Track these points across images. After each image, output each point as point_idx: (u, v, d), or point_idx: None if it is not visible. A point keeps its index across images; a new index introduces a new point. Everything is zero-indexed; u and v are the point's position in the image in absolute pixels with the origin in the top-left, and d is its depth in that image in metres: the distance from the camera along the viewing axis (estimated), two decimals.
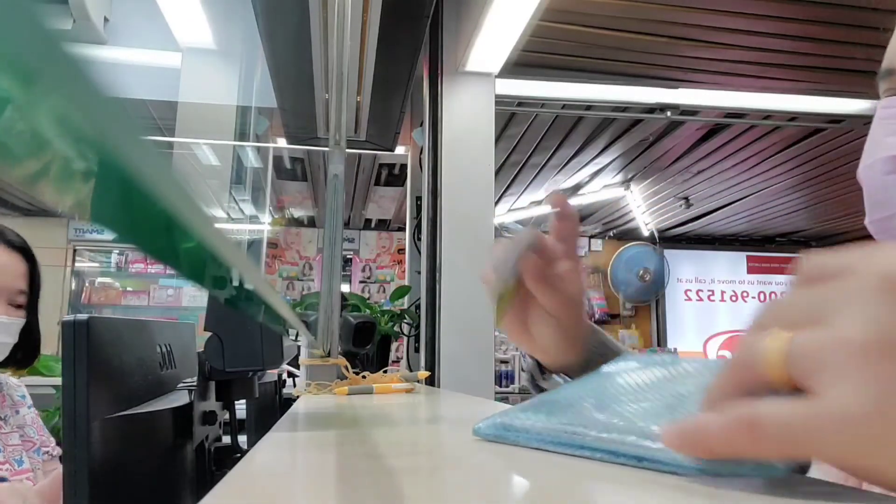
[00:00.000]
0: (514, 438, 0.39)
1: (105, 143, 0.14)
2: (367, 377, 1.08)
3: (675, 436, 0.27)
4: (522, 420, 0.39)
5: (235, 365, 0.59)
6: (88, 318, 0.47)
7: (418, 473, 0.33)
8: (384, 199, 5.28)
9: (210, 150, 2.51)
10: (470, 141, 2.21)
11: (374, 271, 6.20)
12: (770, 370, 0.24)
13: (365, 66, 2.10)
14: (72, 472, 0.44)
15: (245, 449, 0.71)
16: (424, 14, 1.92)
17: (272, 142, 3.16)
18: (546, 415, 0.39)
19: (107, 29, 1.98)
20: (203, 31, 2.30)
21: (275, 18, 1.90)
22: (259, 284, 0.38)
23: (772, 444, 0.23)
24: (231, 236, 0.40)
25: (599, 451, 0.34)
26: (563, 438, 0.36)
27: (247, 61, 2.55)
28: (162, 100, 2.85)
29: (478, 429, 0.42)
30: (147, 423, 0.53)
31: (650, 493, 0.27)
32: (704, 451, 0.26)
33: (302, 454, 0.44)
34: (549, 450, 0.36)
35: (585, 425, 0.35)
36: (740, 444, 0.24)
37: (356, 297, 2.17)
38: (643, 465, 0.31)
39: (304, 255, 6.09)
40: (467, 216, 2.17)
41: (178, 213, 0.19)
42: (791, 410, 0.23)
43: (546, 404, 0.40)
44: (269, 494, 0.29)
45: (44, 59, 0.11)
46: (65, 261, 5.36)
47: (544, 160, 4.14)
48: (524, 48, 2.14)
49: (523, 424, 0.39)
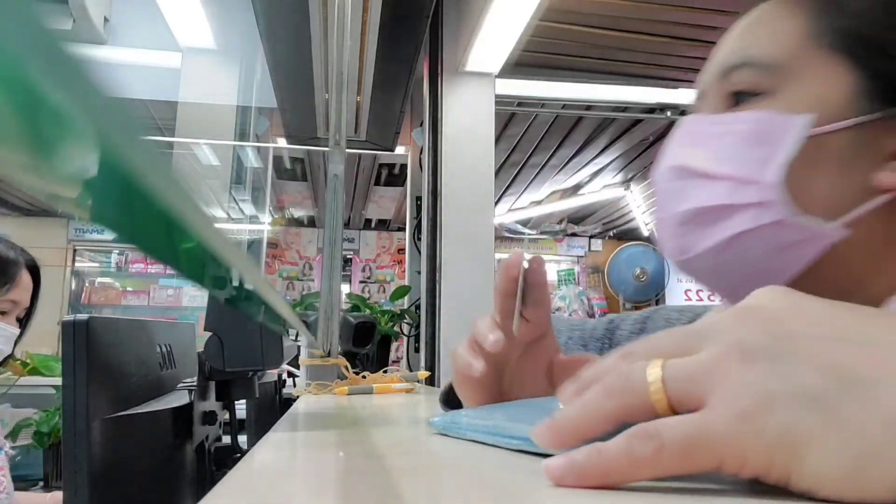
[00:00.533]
0: (457, 431, 0.42)
1: (105, 143, 0.14)
2: (367, 377, 1.08)
3: (567, 470, 0.26)
4: (466, 417, 0.42)
5: (235, 365, 0.59)
6: (88, 318, 0.47)
7: (418, 473, 0.33)
8: (384, 199, 5.28)
9: (210, 150, 2.51)
10: (470, 141, 2.21)
11: (374, 271, 6.20)
12: (652, 396, 0.25)
13: (365, 65, 2.10)
14: (72, 472, 0.44)
15: (245, 449, 0.71)
16: (424, 14, 1.92)
17: (272, 142, 3.16)
18: (501, 411, 0.42)
19: (107, 29, 1.97)
20: (203, 31, 2.30)
21: (275, 18, 1.90)
22: (259, 284, 0.38)
23: (674, 459, 0.24)
24: (231, 236, 0.40)
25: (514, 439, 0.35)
26: (493, 429, 0.38)
27: (247, 61, 2.55)
28: (162, 100, 2.85)
29: (434, 423, 0.45)
30: (147, 423, 0.53)
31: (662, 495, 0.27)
32: (603, 479, 0.25)
33: (302, 454, 0.44)
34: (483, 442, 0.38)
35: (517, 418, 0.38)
36: (643, 465, 0.24)
37: (356, 297, 2.17)
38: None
39: (304, 255, 6.09)
40: (467, 216, 2.17)
41: (178, 213, 0.19)
42: (688, 422, 0.24)
43: (499, 408, 0.44)
44: (269, 494, 0.29)
45: (44, 59, 0.11)
46: (65, 261, 5.37)
47: (544, 160, 4.14)
48: (524, 48, 2.14)
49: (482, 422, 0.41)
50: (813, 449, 0.22)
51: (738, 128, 0.44)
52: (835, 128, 0.42)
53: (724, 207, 0.43)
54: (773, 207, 0.42)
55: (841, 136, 0.42)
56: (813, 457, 0.22)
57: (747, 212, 0.42)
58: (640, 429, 0.25)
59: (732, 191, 0.43)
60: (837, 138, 0.42)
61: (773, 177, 0.42)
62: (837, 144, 0.42)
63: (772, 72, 0.44)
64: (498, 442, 0.37)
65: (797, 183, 0.42)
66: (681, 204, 0.46)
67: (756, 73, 0.45)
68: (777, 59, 0.44)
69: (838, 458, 0.21)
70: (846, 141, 0.42)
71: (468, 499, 0.27)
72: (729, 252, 0.43)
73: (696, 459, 0.23)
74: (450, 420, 0.43)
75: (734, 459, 0.23)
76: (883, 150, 0.42)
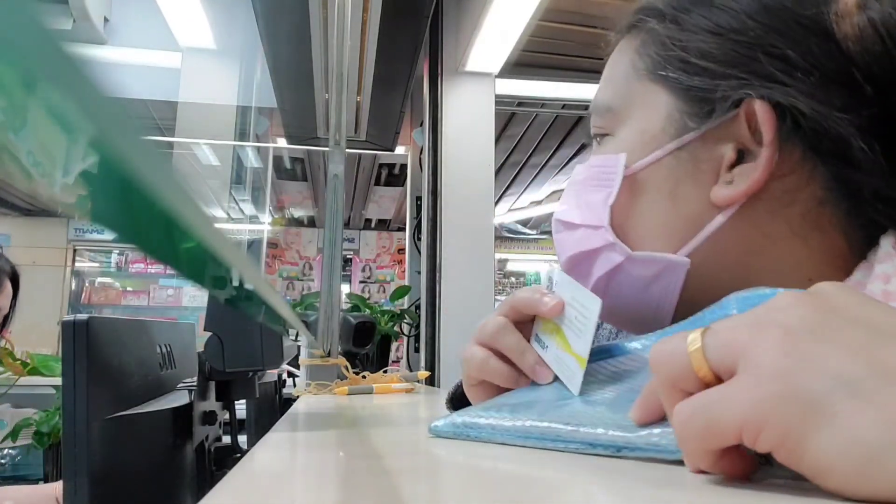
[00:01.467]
0: (477, 435, 0.38)
1: (105, 143, 0.14)
2: (367, 377, 1.08)
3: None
4: (486, 418, 0.39)
5: (235, 365, 0.59)
6: (88, 318, 0.47)
7: (418, 473, 0.33)
8: (384, 199, 5.28)
9: (210, 150, 2.51)
10: (470, 141, 2.21)
11: (374, 271, 6.20)
12: (693, 364, 0.25)
13: (365, 65, 2.10)
14: (72, 472, 0.44)
15: (245, 449, 0.71)
16: (424, 14, 1.92)
17: (272, 142, 3.16)
18: (510, 412, 0.38)
19: (107, 29, 1.98)
20: (203, 31, 2.30)
21: (275, 18, 1.90)
22: (259, 284, 0.38)
23: (699, 425, 0.24)
24: (231, 236, 0.40)
25: (574, 443, 0.33)
26: (535, 433, 0.35)
27: (247, 61, 2.55)
28: (162, 100, 2.85)
29: (435, 427, 0.41)
30: (147, 423, 0.53)
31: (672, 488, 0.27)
32: None
33: (302, 454, 0.44)
34: (520, 444, 0.36)
35: (554, 419, 0.35)
36: (689, 441, 0.25)
37: (356, 297, 2.17)
38: (622, 455, 0.31)
39: (304, 255, 6.09)
40: (467, 216, 2.17)
41: (178, 214, 0.19)
42: (713, 389, 0.24)
43: (506, 406, 0.39)
44: (269, 494, 0.29)
45: (44, 59, 0.11)
46: (65, 261, 5.37)
47: (544, 160, 4.14)
48: (524, 48, 2.14)
49: (488, 422, 0.38)
50: (834, 427, 0.21)
51: (585, 174, 0.46)
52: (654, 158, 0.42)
53: (586, 254, 0.45)
54: (617, 247, 0.43)
55: (664, 163, 0.42)
56: (832, 434, 0.21)
57: (601, 254, 0.44)
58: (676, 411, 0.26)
59: (586, 237, 0.44)
60: (662, 167, 0.42)
61: (604, 217, 0.43)
62: (663, 173, 0.42)
63: (611, 113, 0.46)
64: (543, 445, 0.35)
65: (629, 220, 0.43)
66: (561, 254, 0.48)
67: (599, 118, 0.47)
68: (610, 101, 0.46)
69: (858, 442, 0.21)
70: (670, 167, 0.41)
71: (468, 499, 0.27)
72: (608, 293, 0.44)
73: (716, 431, 0.24)
74: (460, 422, 0.40)
75: (753, 425, 0.23)
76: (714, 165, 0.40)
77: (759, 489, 0.24)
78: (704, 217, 0.41)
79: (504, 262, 6.49)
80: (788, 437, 0.22)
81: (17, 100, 0.12)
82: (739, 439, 0.23)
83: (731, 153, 0.40)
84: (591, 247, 0.44)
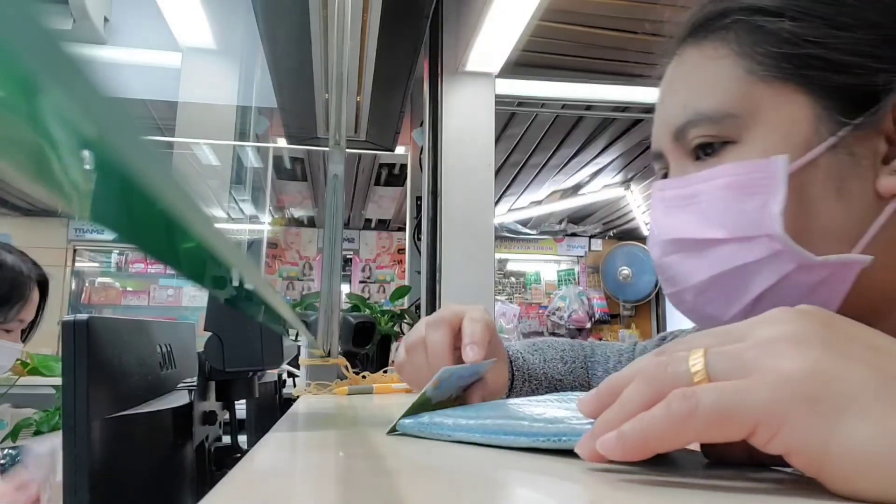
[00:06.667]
0: (438, 431, 0.41)
1: (105, 142, 0.14)
2: (367, 377, 1.08)
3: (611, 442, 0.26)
4: (450, 417, 0.41)
5: (235, 365, 0.59)
6: (88, 318, 0.46)
7: (418, 473, 0.33)
8: (384, 199, 5.28)
9: (210, 150, 2.51)
10: (470, 141, 2.21)
11: (374, 271, 6.19)
12: (695, 380, 0.25)
13: (365, 65, 2.10)
14: (72, 472, 0.44)
15: (245, 449, 0.71)
16: (424, 14, 1.92)
17: (272, 142, 3.16)
18: (475, 411, 0.42)
19: (107, 29, 1.97)
20: (203, 31, 2.30)
21: (275, 18, 1.90)
22: (259, 284, 0.37)
23: (710, 420, 0.24)
24: (231, 236, 0.40)
25: (524, 436, 0.35)
26: (492, 428, 0.37)
27: (247, 61, 2.55)
28: (162, 100, 2.85)
29: (402, 424, 0.44)
30: (147, 423, 0.53)
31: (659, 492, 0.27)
32: (644, 445, 0.26)
33: (302, 454, 0.44)
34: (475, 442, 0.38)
35: (512, 417, 0.38)
36: (680, 427, 0.25)
37: (356, 297, 2.16)
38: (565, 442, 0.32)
39: (304, 255, 6.08)
40: (467, 216, 2.17)
41: (178, 214, 0.19)
42: (727, 384, 0.24)
43: (469, 408, 0.44)
44: (269, 494, 0.29)
45: (43, 59, 0.11)
46: (65, 261, 5.36)
47: (544, 160, 4.14)
48: (524, 48, 2.14)
49: (455, 422, 0.40)
50: (861, 433, 0.21)
51: (718, 184, 0.43)
52: (812, 157, 0.40)
53: (741, 269, 0.42)
54: (786, 255, 0.40)
55: (822, 162, 0.41)
56: (860, 442, 0.21)
57: (765, 267, 0.41)
58: (678, 390, 0.25)
59: (740, 250, 0.41)
60: (820, 166, 0.41)
61: (776, 224, 0.40)
62: (823, 171, 0.41)
63: (733, 119, 0.43)
64: (500, 441, 0.37)
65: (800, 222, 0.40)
66: (691, 277, 0.44)
67: (715, 125, 0.44)
68: (728, 107, 0.43)
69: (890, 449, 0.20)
70: (830, 164, 0.41)
71: (468, 499, 0.27)
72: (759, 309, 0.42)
73: (731, 422, 0.23)
74: (427, 421, 0.42)
75: (768, 426, 0.22)
76: (871, 158, 0.40)
77: (759, 489, 0.24)
78: (872, 211, 0.40)
79: (504, 262, 6.49)
80: (810, 443, 0.22)
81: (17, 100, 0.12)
82: (748, 435, 0.23)
83: (884, 145, 0.40)
84: (748, 260, 0.41)
